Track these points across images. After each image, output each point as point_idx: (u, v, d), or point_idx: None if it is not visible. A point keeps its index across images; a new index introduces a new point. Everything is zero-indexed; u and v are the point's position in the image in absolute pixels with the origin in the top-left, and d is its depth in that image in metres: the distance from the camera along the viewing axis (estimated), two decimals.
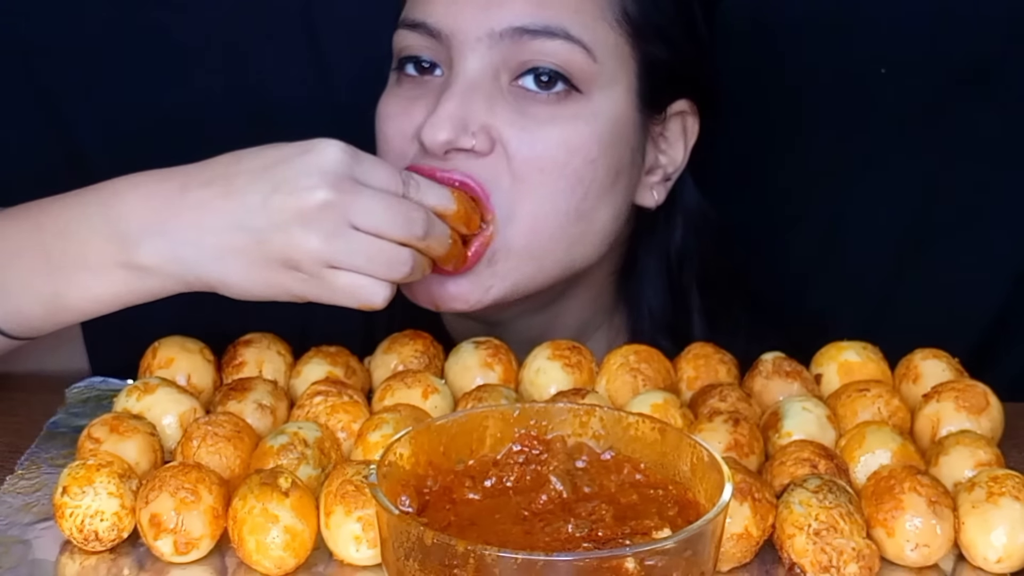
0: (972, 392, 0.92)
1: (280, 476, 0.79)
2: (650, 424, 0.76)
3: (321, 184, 0.85)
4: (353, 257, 0.86)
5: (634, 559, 0.63)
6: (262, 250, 0.87)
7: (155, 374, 0.96)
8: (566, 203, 1.03)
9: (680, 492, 0.73)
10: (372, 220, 0.86)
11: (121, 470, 0.81)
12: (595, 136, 1.04)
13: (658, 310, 1.19)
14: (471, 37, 1.02)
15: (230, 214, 0.87)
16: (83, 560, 0.80)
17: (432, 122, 1.00)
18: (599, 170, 1.04)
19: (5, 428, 0.98)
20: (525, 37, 1.01)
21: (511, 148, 1.01)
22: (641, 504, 0.73)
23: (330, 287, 0.87)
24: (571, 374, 0.97)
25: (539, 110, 1.02)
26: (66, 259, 0.90)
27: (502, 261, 1.02)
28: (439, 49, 1.04)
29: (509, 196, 1.02)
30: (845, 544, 0.77)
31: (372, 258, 0.87)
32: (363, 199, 0.86)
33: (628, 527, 0.70)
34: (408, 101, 1.06)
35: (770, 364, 0.99)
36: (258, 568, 0.79)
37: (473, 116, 1.01)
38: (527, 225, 1.02)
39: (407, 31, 1.06)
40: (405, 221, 0.87)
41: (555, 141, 1.02)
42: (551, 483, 0.74)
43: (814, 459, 0.84)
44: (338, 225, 0.86)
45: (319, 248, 0.86)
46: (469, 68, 1.02)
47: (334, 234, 0.86)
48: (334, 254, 0.86)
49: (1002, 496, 0.79)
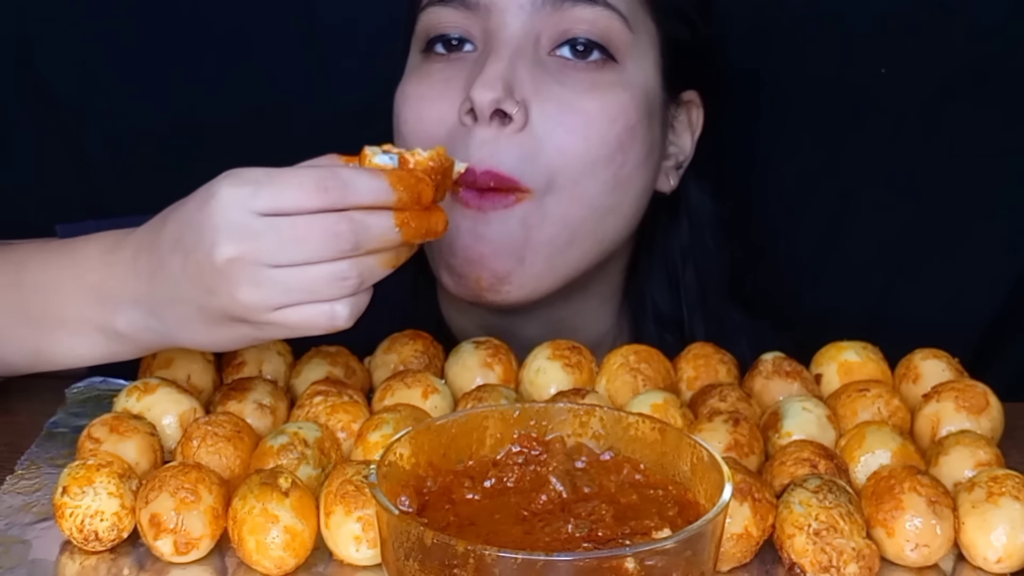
0: (972, 392, 0.92)
1: (280, 476, 0.79)
2: (650, 424, 0.76)
3: (219, 239, 0.78)
4: (290, 295, 0.79)
5: (634, 559, 0.63)
6: (207, 314, 0.82)
7: (155, 374, 0.96)
8: (605, 170, 1.04)
9: (680, 492, 0.73)
10: (288, 255, 0.78)
11: (121, 470, 0.81)
12: (634, 103, 1.05)
13: (662, 306, 1.19)
14: (512, 4, 1.03)
15: (166, 286, 0.83)
16: (83, 560, 0.80)
17: (482, 81, 1.00)
18: (636, 139, 1.05)
19: (5, 428, 0.98)
20: (565, 5, 1.03)
21: (554, 119, 1.02)
22: (641, 504, 0.73)
23: (286, 327, 0.81)
24: (571, 374, 0.97)
25: (579, 79, 1.04)
26: (46, 318, 0.89)
27: (536, 228, 1.03)
28: (473, 22, 1.05)
29: (548, 167, 1.02)
30: (845, 544, 0.77)
31: (311, 288, 0.79)
32: (269, 238, 0.78)
33: (628, 527, 0.70)
34: (441, 82, 1.05)
35: (770, 364, 0.99)
36: (258, 568, 0.79)
37: (518, 81, 1.02)
38: (569, 192, 1.03)
39: (439, 7, 1.06)
40: (326, 240, 0.78)
41: (596, 110, 1.03)
42: (551, 483, 0.74)
43: (814, 459, 0.84)
44: (257, 272, 0.79)
45: (251, 300, 0.79)
46: (511, 35, 1.03)
47: (258, 282, 0.79)
48: (268, 299, 0.79)
49: (1002, 496, 0.79)
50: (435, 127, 1.04)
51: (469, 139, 1.02)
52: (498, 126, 1.01)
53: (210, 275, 0.79)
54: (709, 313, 1.20)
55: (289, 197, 0.78)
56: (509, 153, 1.01)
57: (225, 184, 0.79)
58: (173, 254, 0.81)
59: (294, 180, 0.79)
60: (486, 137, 1.01)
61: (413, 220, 0.82)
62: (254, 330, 0.82)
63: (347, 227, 0.78)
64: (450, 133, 1.03)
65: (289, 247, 0.78)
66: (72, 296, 0.88)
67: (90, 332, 0.88)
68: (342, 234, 0.78)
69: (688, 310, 1.19)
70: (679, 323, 1.19)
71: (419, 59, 1.08)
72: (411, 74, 1.09)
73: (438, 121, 1.04)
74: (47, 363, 0.91)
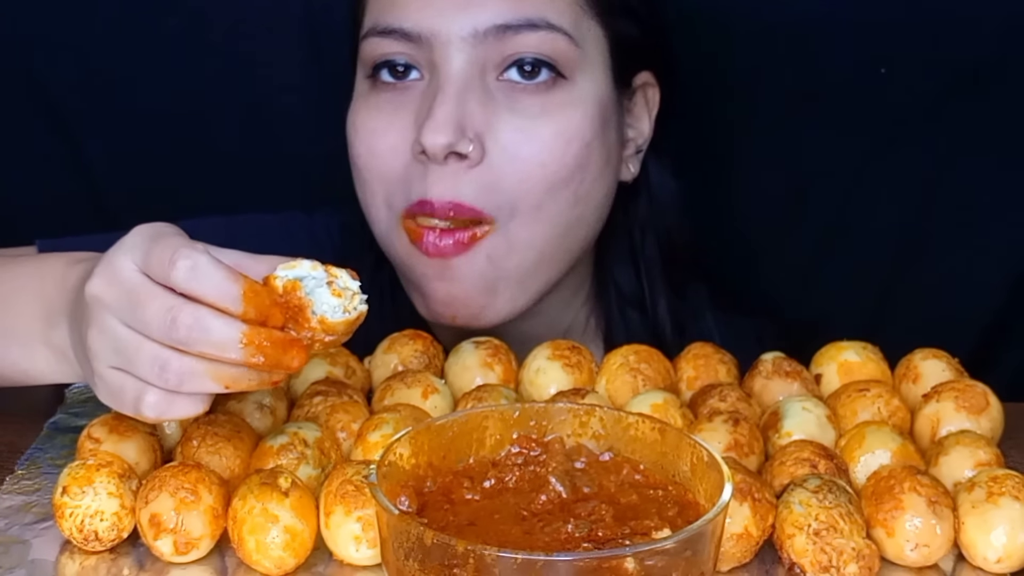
0: (972, 392, 0.92)
1: (280, 476, 0.79)
2: (650, 424, 0.76)
3: (96, 274, 0.77)
4: (118, 356, 0.75)
5: (634, 559, 0.63)
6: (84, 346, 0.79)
7: None
8: (566, 189, 1.04)
9: (680, 492, 0.73)
10: (129, 315, 0.74)
11: (121, 470, 0.81)
12: (587, 120, 1.05)
13: (624, 283, 1.19)
14: (455, 37, 1.02)
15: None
16: (83, 560, 0.80)
17: (432, 127, 1.00)
18: (593, 152, 1.05)
19: (5, 428, 0.98)
20: (508, 33, 1.02)
21: (511, 150, 1.02)
22: (641, 504, 0.73)
23: (102, 389, 0.78)
24: (571, 374, 0.97)
25: (530, 103, 1.03)
26: (1, 328, 0.90)
27: (504, 256, 1.03)
28: (417, 52, 1.04)
29: (509, 195, 1.02)
30: (845, 544, 0.77)
31: (132, 359, 0.75)
32: (123, 292, 0.75)
33: (628, 527, 0.70)
34: (390, 114, 1.05)
35: (770, 364, 0.99)
36: (258, 568, 0.79)
37: (469, 119, 1.01)
38: (532, 218, 1.03)
39: (379, 38, 1.05)
40: (160, 317, 0.73)
41: (551, 133, 1.03)
42: (550, 484, 0.74)
43: (814, 459, 0.84)
44: (104, 319, 0.76)
45: (92, 345, 0.77)
46: (456, 68, 1.02)
47: (102, 329, 0.76)
48: (102, 350, 0.76)
49: (1002, 496, 0.79)
50: (388, 160, 1.05)
51: (426, 174, 1.02)
52: (455, 162, 1.01)
53: (86, 307, 0.78)
54: (672, 288, 1.20)
55: (153, 260, 0.74)
56: (468, 186, 1.02)
57: (136, 230, 0.77)
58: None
59: (166, 246, 0.74)
60: (443, 174, 1.01)
61: (267, 346, 0.73)
62: (96, 379, 0.78)
63: (186, 316, 0.72)
64: (405, 166, 1.04)
65: (132, 308, 0.74)
66: (27, 307, 0.88)
67: (36, 345, 0.87)
68: (177, 320, 0.72)
69: (649, 285, 1.19)
70: (641, 299, 1.19)
71: (366, 86, 1.08)
72: (360, 103, 1.08)
73: (391, 153, 1.04)
74: (1, 377, 0.91)
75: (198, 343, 0.72)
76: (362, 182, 1.08)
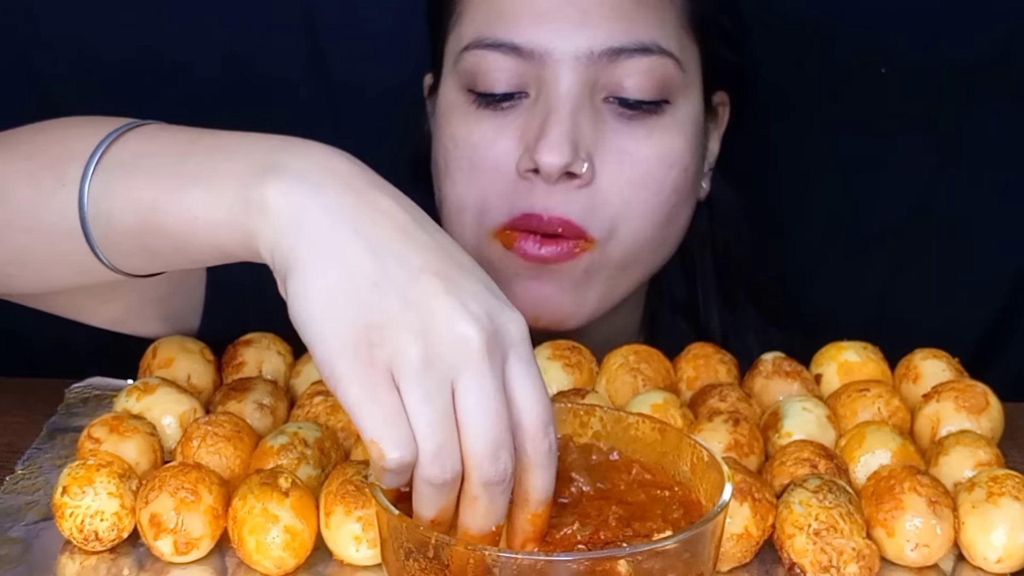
0: (972, 392, 0.92)
1: (280, 476, 0.79)
2: (650, 424, 0.76)
3: (471, 321, 0.66)
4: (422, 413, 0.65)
5: (632, 560, 0.63)
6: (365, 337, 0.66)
7: (155, 374, 0.96)
8: (660, 215, 1.04)
9: (685, 493, 0.73)
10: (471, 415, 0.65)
11: (121, 470, 0.81)
12: (687, 144, 1.05)
13: (678, 293, 1.20)
14: (569, 56, 1.00)
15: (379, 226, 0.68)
16: (83, 560, 0.80)
17: (548, 147, 0.98)
18: (689, 177, 1.06)
19: (5, 428, 0.98)
20: (622, 56, 1.00)
21: (616, 172, 1.01)
22: (648, 504, 0.72)
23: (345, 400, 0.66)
24: (571, 374, 0.97)
25: (635, 126, 1.02)
26: (190, 172, 0.73)
27: (598, 271, 1.03)
28: (526, 69, 1.01)
29: (611, 217, 1.02)
30: (845, 544, 0.77)
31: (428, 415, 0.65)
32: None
33: (631, 530, 0.69)
34: (495, 131, 1.02)
35: (770, 364, 0.99)
36: (258, 568, 0.79)
37: (582, 139, 1.00)
38: (628, 239, 1.03)
39: (485, 51, 1.02)
40: (490, 439, 0.65)
41: (655, 158, 1.02)
42: (574, 479, 0.74)
43: (814, 459, 0.84)
44: (440, 384, 0.65)
45: (409, 355, 0.65)
46: (568, 88, 1.00)
47: (422, 377, 0.65)
48: (405, 352, 0.65)
49: (1002, 496, 0.79)
50: (490, 177, 1.03)
51: (533, 191, 1.01)
52: (565, 182, 1.00)
53: (424, 281, 0.66)
54: (725, 303, 1.20)
55: (521, 394, 0.67)
56: (576, 204, 1.01)
57: (511, 310, 0.68)
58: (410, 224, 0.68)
59: (536, 392, 0.67)
60: (553, 192, 1.00)
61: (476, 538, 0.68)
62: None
63: (505, 455, 0.66)
64: (506, 184, 1.02)
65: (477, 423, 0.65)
66: (251, 155, 0.72)
67: (227, 191, 0.70)
68: (499, 455, 0.66)
69: (704, 298, 1.19)
70: (694, 310, 1.19)
71: (463, 99, 1.04)
72: (457, 116, 1.05)
73: (492, 170, 1.02)
74: (155, 225, 0.74)
75: (485, 504, 0.66)
76: (454, 196, 1.05)
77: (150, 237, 0.75)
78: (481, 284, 0.68)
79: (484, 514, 0.67)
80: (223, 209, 0.70)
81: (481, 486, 0.66)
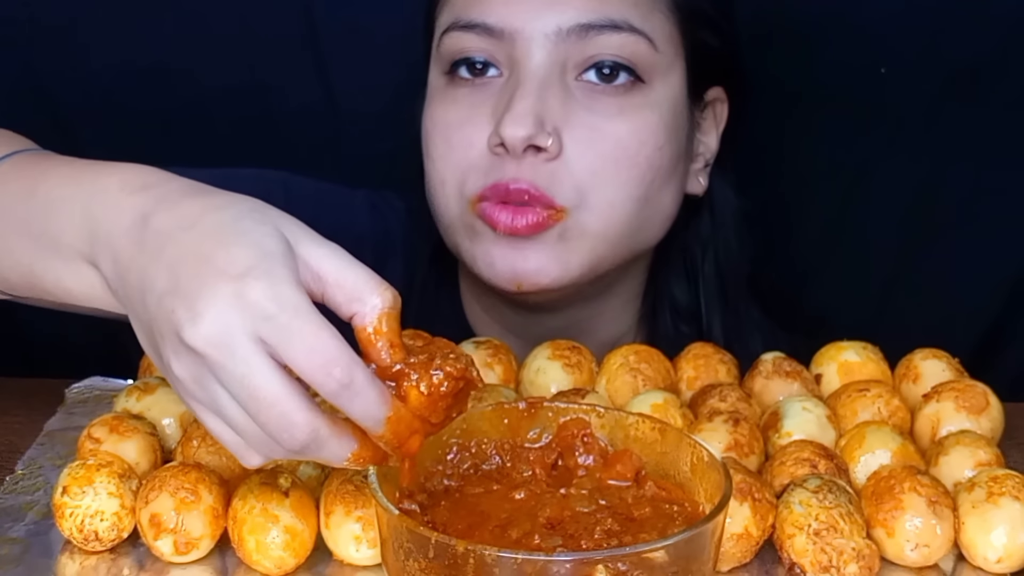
0: (972, 392, 0.92)
1: (280, 476, 0.80)
2: (650, 424, 0.76)
3: (206, 314, 0.66)
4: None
5: (632, 560, 0.63)
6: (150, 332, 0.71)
7: (155, 374, 0.96)
8: (636, 189, 1.05)
9: (693, 509, 0.73)
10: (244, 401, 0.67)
11: (121, 470, 0.81)
12: (661, 123, 1.05)
13: (680, 297, 1.20)
14: (538, 34, 1.02)
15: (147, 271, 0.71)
16: (83, 560, 0.80)
17: (511, 120, 1.00)
18: (664, 156, 1.06)
19: (5, 428, 0.98)
20: (591, 33, 1.02)
21: (585, 146, 1.02)
22: (651, 519, 0.72)
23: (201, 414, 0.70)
24: (571, 374, 0.97)
25: (607, 103, 1.03)
26: (44, 237, 0.78)
27: (576, 239, 1.04)
28: (497, 48, 1.04)
29: (577, 186, 1.03)
30: (845, 544, 0.77)
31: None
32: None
33: (617, 540, 0.69)
34: (469, 108, 1.05)
35: (770, 364, 0.99)
36: (258, 568, 0.79)
37: (548, 114, 1.02)
38: (602, 211, 1.04)
39: (461, 32, 1.05)
40: (285, 417, 0.67)
41: (625, 133, 1.03)
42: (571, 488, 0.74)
43: (814, 459, 0.84)
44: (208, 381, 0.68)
45: (182, 377, 0.68)
46: (537, 65, 1.02)
47: (200, 384, 0.68)
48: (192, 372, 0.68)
49: (1002, 496, 0.80)
50: (463, 152, 1.05)
51: (502, 165, 1.02)
52: (532, 156, 1.02)
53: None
54: (727, 306, 1.20)
55: (294, 349, 0.66)
56: (543, 177, 1.02)
57: (254, 278, 0.66)
58: (158, 260, 0.70)
59: (308, 338, 0.66)
60: (521, 163, 1.02)
61: (367, 458, 0.69)
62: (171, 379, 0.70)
63: (304, 422, 0.67)
64: (480, 158, 1.04)
65: (253, 400, 0.66)
66: (72, 219, 0.76)
67: (79, 264, 0.76)
68: (297, 425, 0.67)
69: (706, 302, 1.20)
70: (696, 315, 1.20)
71: (443, 81, 1.08)
72: (436, 98, 1.08)
73: (466, 147, 1.04)
74: (38, 287, 0.81)
75: (307, 449, 0.68)
76: (435, 172, 1.08)
77: (39, 294, 0.82)
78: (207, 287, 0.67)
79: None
80: (85, 280, 0.77)
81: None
